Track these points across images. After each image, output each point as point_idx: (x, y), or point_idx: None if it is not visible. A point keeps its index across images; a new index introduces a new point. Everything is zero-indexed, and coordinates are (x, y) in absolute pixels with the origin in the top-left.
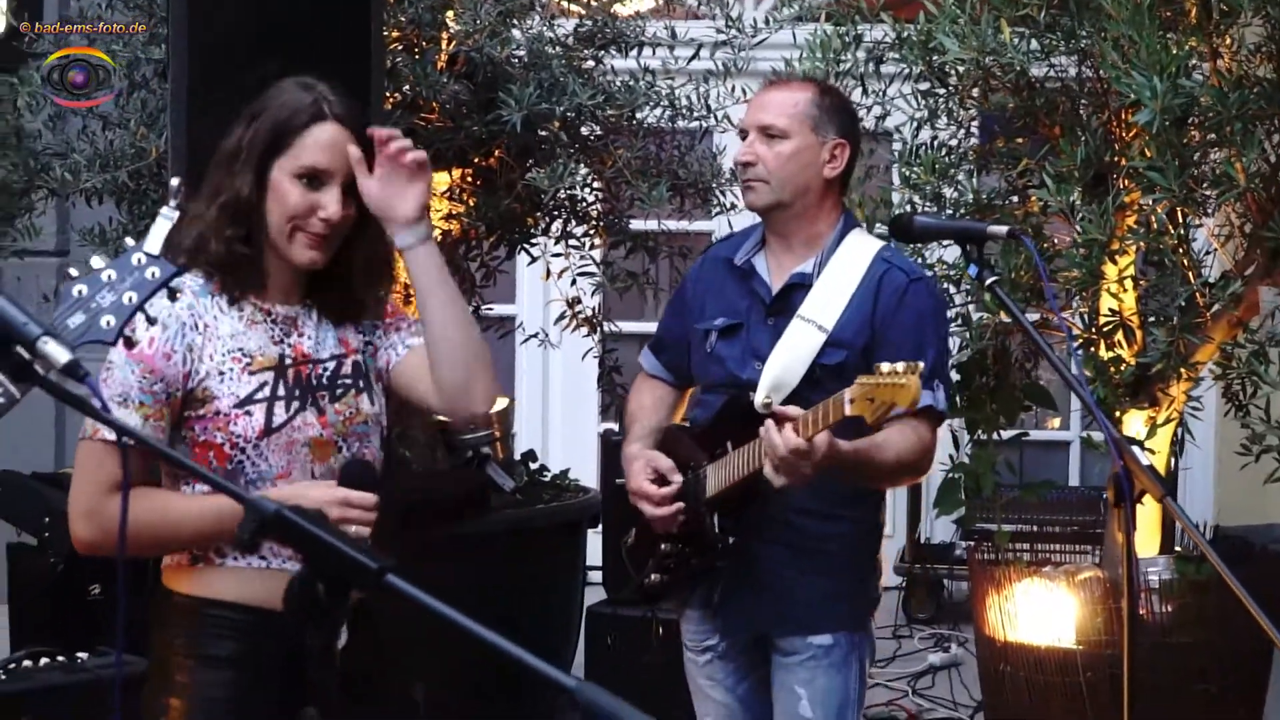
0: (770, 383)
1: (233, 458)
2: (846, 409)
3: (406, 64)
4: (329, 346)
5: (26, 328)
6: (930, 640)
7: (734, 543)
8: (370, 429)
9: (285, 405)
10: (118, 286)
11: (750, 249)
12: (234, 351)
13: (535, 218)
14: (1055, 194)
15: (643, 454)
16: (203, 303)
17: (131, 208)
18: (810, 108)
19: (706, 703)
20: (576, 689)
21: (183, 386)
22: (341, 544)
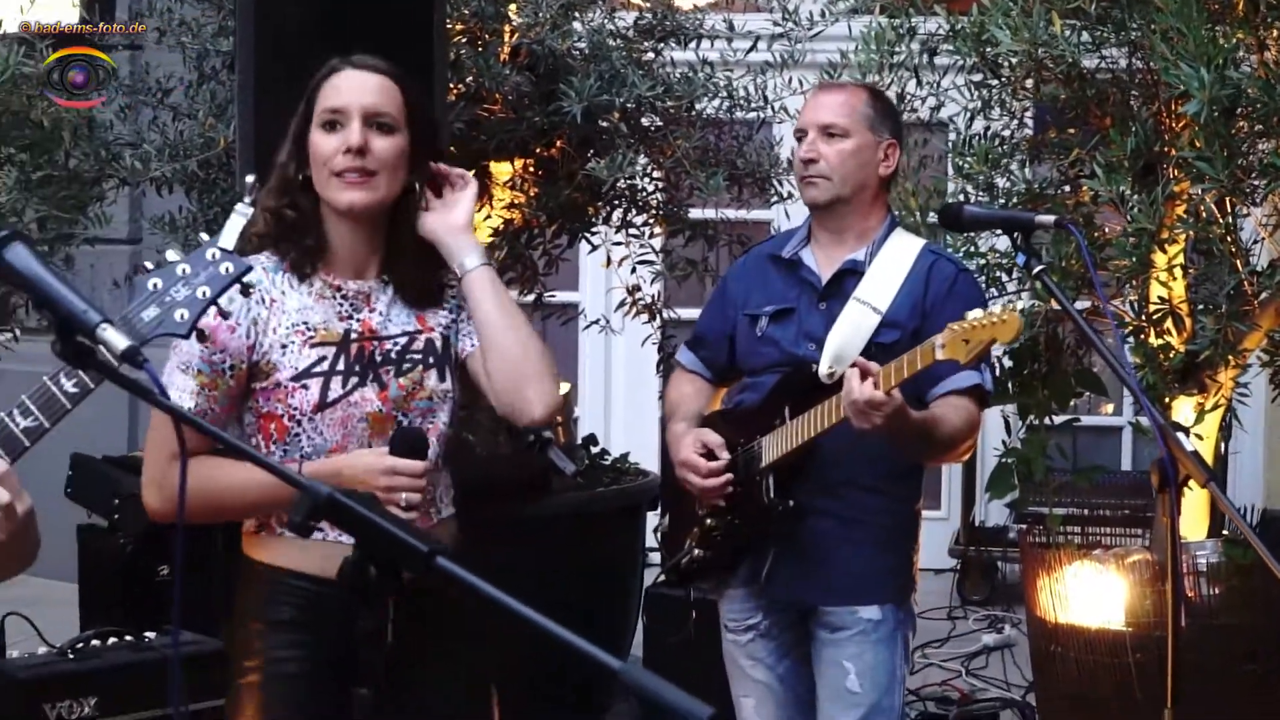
0: (832, 356)
1: (290, 430)
2: (938, 353)
3: (470, 56)
4: (400, 323)
5: (86, 315)
6: (984, 621)
7: (793, 505)
8: (436, 405)
9: (342, 380)
10: (192, 280)
11: (797, 244)
12: (298, 325)
13: (596, 207)
14: (1106, 184)
15: (691, 430)
16: (272, 278)
17: (201, 196)
18: (867, 108)
19: (746, 682)
20: (621, 670)
21: (248, 358)
22: (392, 527)
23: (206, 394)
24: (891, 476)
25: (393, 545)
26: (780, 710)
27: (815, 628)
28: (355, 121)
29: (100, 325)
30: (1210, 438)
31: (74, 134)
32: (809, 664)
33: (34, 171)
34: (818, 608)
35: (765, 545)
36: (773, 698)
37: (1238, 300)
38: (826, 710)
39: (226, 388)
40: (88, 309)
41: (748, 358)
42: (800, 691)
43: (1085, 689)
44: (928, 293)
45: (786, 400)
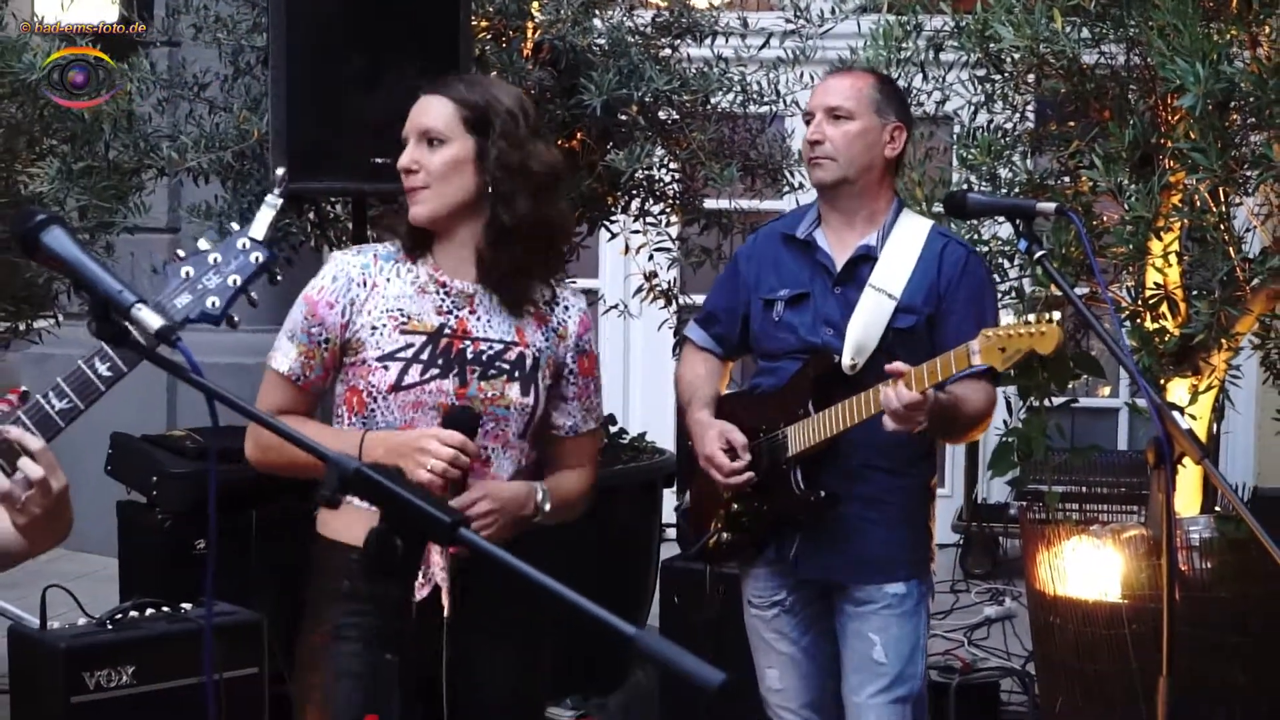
0: (853, 347)
1: (367, 405)
2: (973, 359)
3: (494, 52)
4: (499, 330)
5: (122, 295)
6: (986, 594)
7: (825, 496)
8: (511, 415)
9: (422, 369)
10: (223, 269)
11: (809, 225)
12: (393, 311)
13: (615, 197)
14: (1104, 174)
15: (715, 424)
16: (381, 264)
17: (235, 186)
18: (873, 92)
19: (770, 655)
20: (636, 636)
21: (341, 335)
22: (417, 499)
23: (304, 361)
24: (909, 457)
25: (417, 516)
26: (803, 681)
27: (841, 602)
28: (411, 143)
29: (135, 305)
30: (1204, 418)
31: (114, 126)
32: (831, 636)
33: (75, 162)
34: (845, 585)
35: (790, 529)
36: (796, 669)
37: (1230, 286)
38: (853, 680)
39: (322, 358)
40: (123, 290)
41: (764, 342)
42: (822, 662)
43: (1083, 659)
44: (941, 276)
45: (810, 391)
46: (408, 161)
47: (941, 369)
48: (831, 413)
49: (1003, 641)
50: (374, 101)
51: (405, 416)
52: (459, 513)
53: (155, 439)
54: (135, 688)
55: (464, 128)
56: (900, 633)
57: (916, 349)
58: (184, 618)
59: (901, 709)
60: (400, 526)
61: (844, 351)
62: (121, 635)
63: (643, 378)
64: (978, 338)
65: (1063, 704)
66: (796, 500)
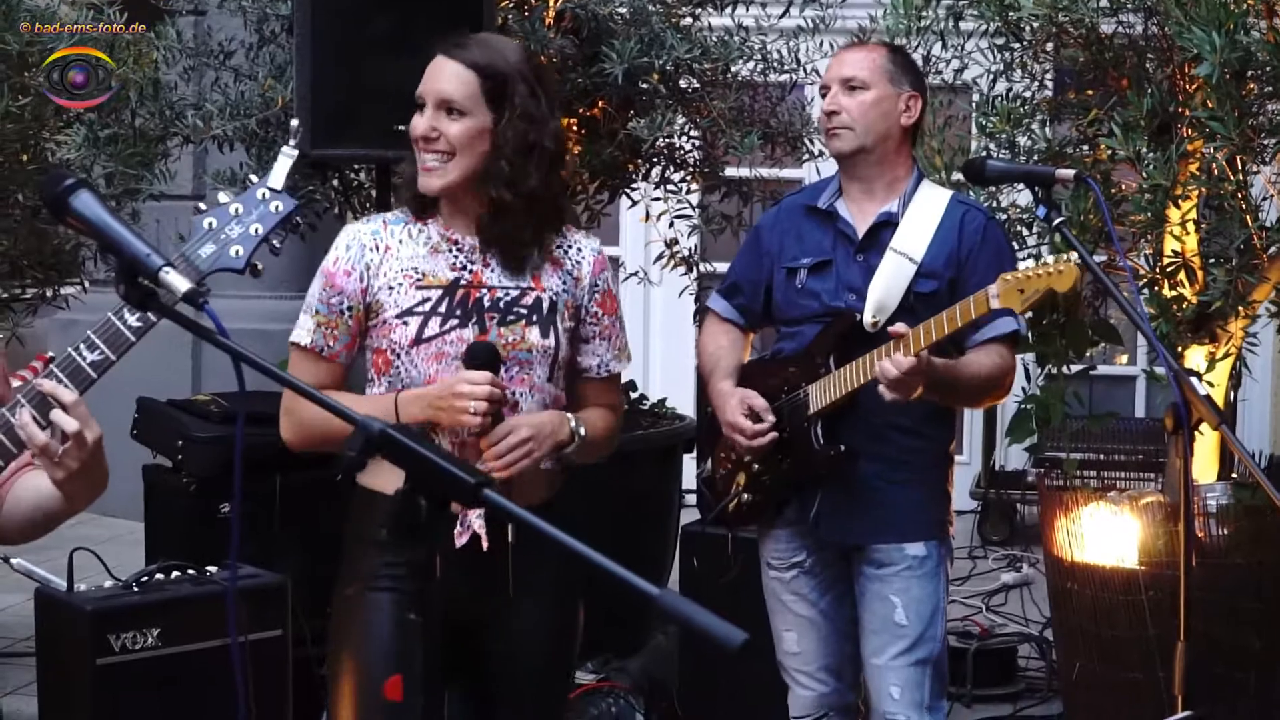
0: (874, 306)
1: (392, 363)
2: (992, 303)
3: (516, 20)
4: (515, 279)
5: (150, 259)
6: (1003, 561)
7: (844, 450)
8: (534, 358)
9: (441, 320)
10: (244, 219)
11: (831, 195)
12: (407, 270)
13: (636, 164)
14: (1123, 142)
15: (736, 391)
16: (391, 228)
17: (260, 153)
18: (886, 63)
19: (788, 616)
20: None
21: (361, 300)
22: (441, 460)
23: (323, 331)
24: (929, 419)
25: (442, 478)
26: (822, 643)
27: (860, 564)
28: (428, 109)
29: (163, 269)
30: (1221, 385)
31: (140, 95)
32: (849, 599)
33: (102, 130)
34: (865, 546)
35: (813, 488)
36: (815, 630)
37: (1247, 254)
38: (874, 642)
39: (346, 326)
40: (151, 253)
41: (786, 309)
42: (840, 624)
43: (1100, 624)
44: (961, 242)
45: (831, 349)
46: (426, 129)
47: (961, 314)
48: (851, 368)
49: (1020, 607)
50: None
51: (429, 369)
52: (483, 474)
53: (181, 404)
54: (160, 649)
55: (484, 100)
56: (921, 594)
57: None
58: (209, 580)
59: (922, 670)
60: (424, 488)
61: (865, 310)
62: (147, 598)
63: (662, 344)
64: (996, 282)
65: (1080, 669)
66: (817, 455)
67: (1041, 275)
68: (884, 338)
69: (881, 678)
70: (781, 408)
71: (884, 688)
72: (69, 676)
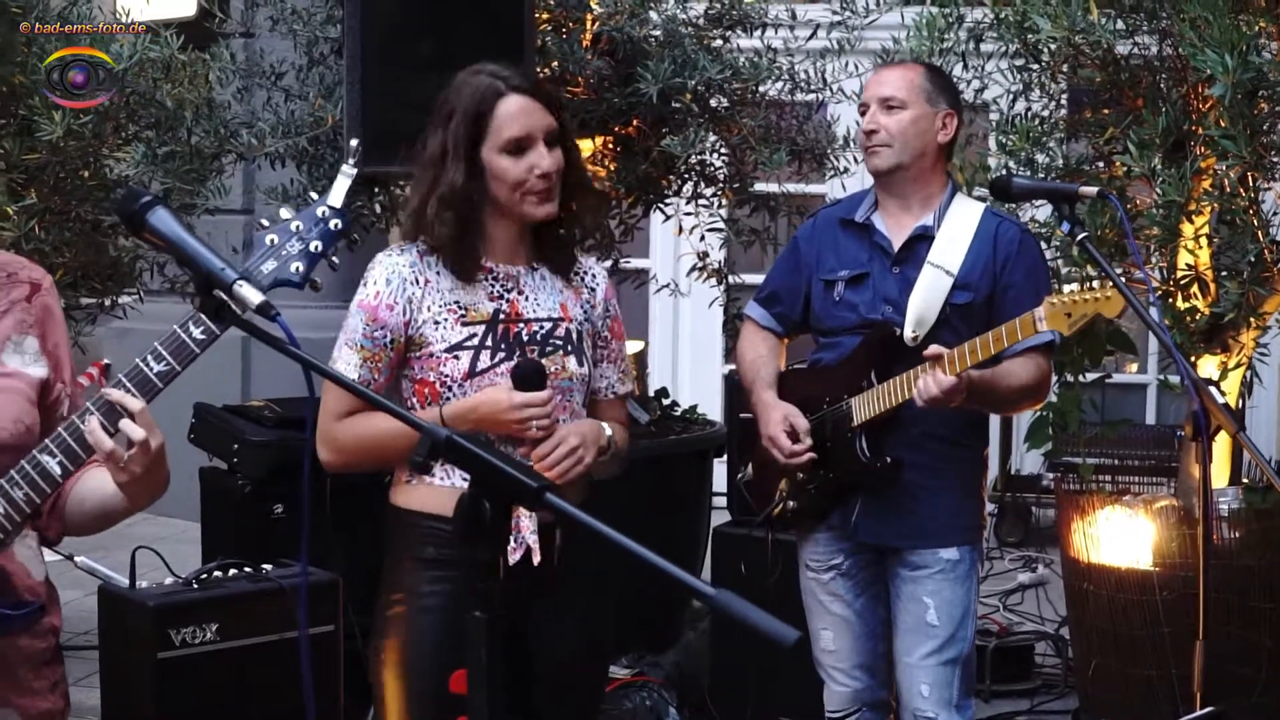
0: (914, 319)
1: (442, 394)
2: (1039, 326)
3: (555, 43)
4: (546, 308)
5: (224, 273)
6: (1019, 561)
7: (890, 462)
8: (574, 385)
9: (490, 354)
10: (305, 236)
11: (867, 208)
12: (449, 304)
13: (668, 180)
14: (1138, 159)
15: (780, 406)
16: (426, 260)
17: (310, 169)
18: (924, 82)
19: (825, 616)
20: (716, 596)
21: (404, 333)
22: (505, 465)
23: (370, 366)
24: (965, 427)
25: (506, 481)
26: (856, 641)
27: (895, 567)
28: (541, 145)
29: (237, 282)
30: (1232, 394)
31: (195, 114)
32: (883, 600)
33: (160, 147)
34: (900, 549)
35: (853, 494)
36: (850, 630)
37: (1259, 267)
38: (906, 641)
39: (388, 359)
40: (225, 267)
41: (825, 320)
42: (874, 624)
43: (1116, 624)
44: (997, 254)
45: (872, 363)
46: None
47: (1008, 336)
48: (894, 383)
49: (1036, 607)
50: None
51: None
52: (544, 478)
53: (236, 409)
54: (219, 644)
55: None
56: (953, 597)
57: (974, 324)
58: (265, 578)
59: (951, 670)
60: (489, 491)
61: (905, 324)
62: (206, 594)
63: (691, 353)
64: (1043, 304)
65: (1096, 666)
66: (862, 467)
67: (1089, 300)
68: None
69: (912, 676)
70: (824, 418)
71: (914, 686)
72: (131, 669)
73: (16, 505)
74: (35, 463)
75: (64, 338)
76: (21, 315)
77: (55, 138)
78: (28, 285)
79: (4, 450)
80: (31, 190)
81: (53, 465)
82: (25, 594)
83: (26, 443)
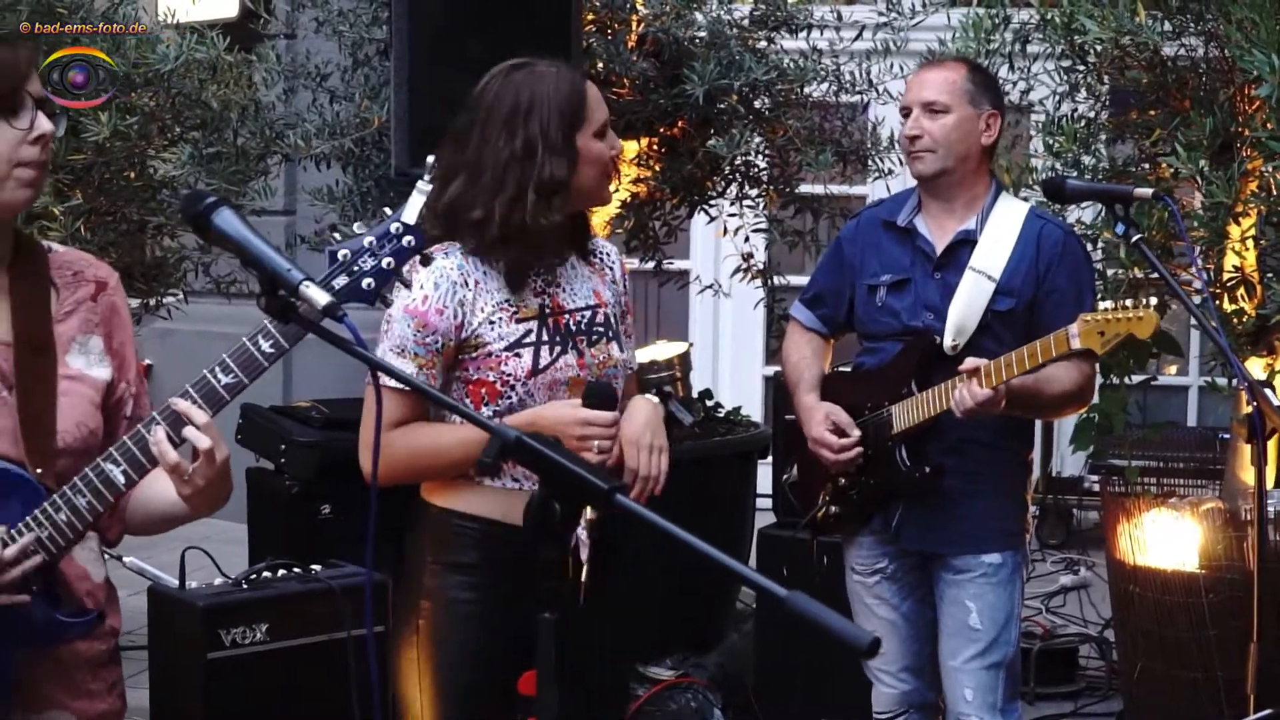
0: (954, 328)
1: (503, 394)
2: (1073, 343)
3: (600, 44)
4: (583, 297)
5: (290, 274)
6: (1061, 564)
7: (929, 471)
8: (619, 372)
9: (549, 349)
10: (378, 252)
11: (910, 212)
12: (501, 302)
13: (713, 181)
14: (1185, 161)
15: (822, 406)
16: (471, 261)
17: (356, 171)
18: (966, 83)
19: (871, 619)
20: (788, 598)
21: (456, 336)
22: (575, 466)
23: (426, 373)
24: (1007, 432)
25: (576, 483)
26: (902, 644)
27: (939, 570)
28: (610, 134)
29: (303, 283)
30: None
31: (241, 115)
32: (929, 602)
33: (205, 148)
34: (944, 554)
35: (895, 501)
36: (895, 633)
37: None
38: (950, 645)
39: (440, 364)
40: (291, 268)
41: (867, 324)
42: (920, 627)
43: (1162, 626)
44: (1039, 257)
45: (912, 371)
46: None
47: (1042, 352)
48: (933, 393)
49: (1079, 609)
50: None
51: (543, 397)
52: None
53: (283, 409)
54: (269, 644)
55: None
56: (996, 601)
57: (1015, 330)
58: (314, 578)
59: (995, 674)
60: (558, 492)
61: (945, 333)
62: (256, 594)
63: (731, 354)
64: (1076, 322)
65: (1141, 669)
66: (902, 475)
67: (1123, 319)
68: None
69: (956, 679)
70: (866, 424)
71: (958, 689)
72: (181, 669)
73: (79, 513)
74: (99, 471)
75: (129, 336)
76: (87, 315)
77: (101, 139)
78: (94, 284)
79: (68, 454)
80: (78, 191)
81: (116, 474)
82: (84, 598)
83: (90, 446)
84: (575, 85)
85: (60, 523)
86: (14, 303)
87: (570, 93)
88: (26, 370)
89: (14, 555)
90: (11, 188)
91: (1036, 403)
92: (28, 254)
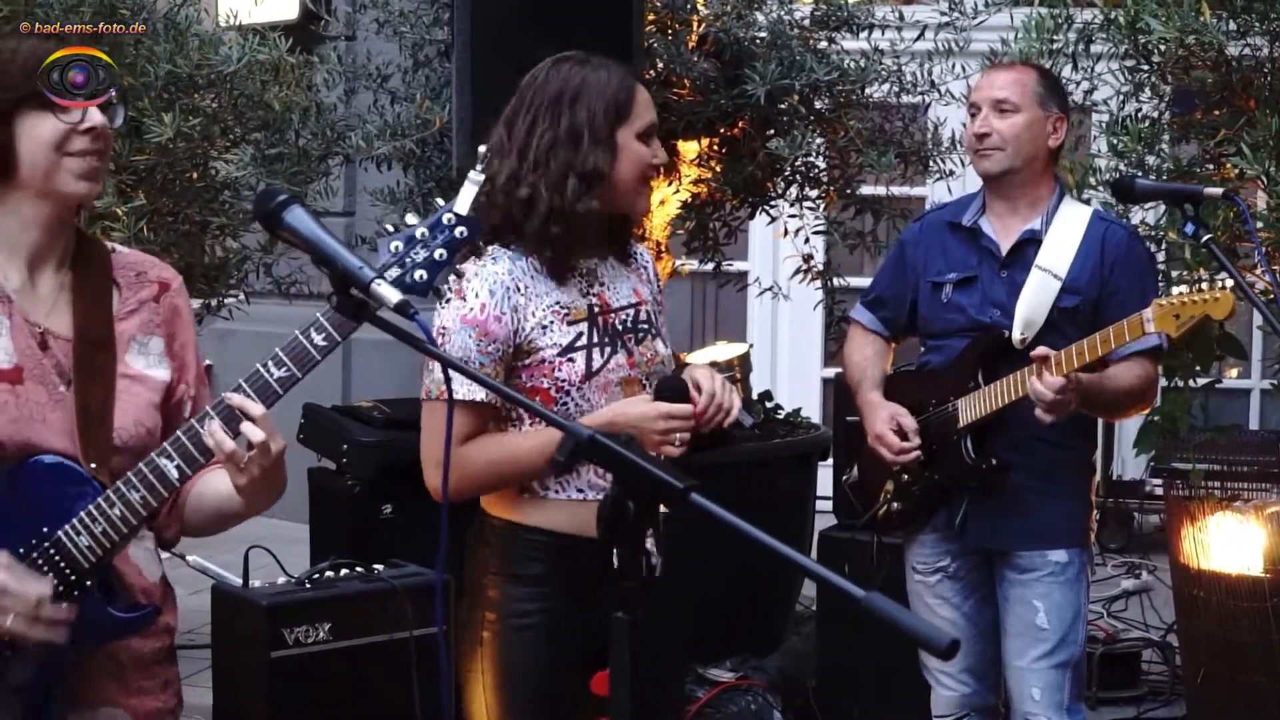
0: (1022, 323)
1: (558, 399)
2: (1148, 327)
3: (661, 44)
4: (625, 295)
5: (361, 271)
6: (1122, 568)
7: (995, 464)
8: (664, 369)
9: (601, 351)
10: (430, 244)
11: (975, 213)
12: (553, 306)
13: (773, 182)
14: (1251, 162)
15: (887, 406)
16: (519, 265)
17: (417, 172)
18: (1036, 85)
19: (934, 619)
20: (865, 599)
21: (512, 342)
22: (650, 465)
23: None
24: (1072, 430)
25: (651, 482)
26: (964, 645)
27: (1003, 569)
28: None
29: (375, 281)
30: None
31: (302, 116)
32: (991, 602)
33: (267, 149)
34: (1009, 552)
35: (959, 498)
36: (957, 633)
37: None
38: (1015, 644)
39: (501, 372)
40: (362, 266)
41: (932, 322)
42: (983, 627)
43: (1226, 630)
44: (1104, 257)
45: (979, 364)
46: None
47: (1115, 337)
48: (1001, 384)
49: (1140, 614)
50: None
51: (599, 400)
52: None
53: (345, 409)
54: (332, 643)
55: None
56: (1063, 600)
57: (1080, 328)
58: (377, 578)
59: (1062, 673)
60: (633, 491)
61: (1014, 327)
62: (319, 593)
63: (789, 356)
64: (1150, 305)
65: (1205, 673)
66: (968, 469)
67: (1198, 302)
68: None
69: (1023, 679)
70: (929, 420)
71: (1025, 689)
72: (244, 668)
73: (133, 508)
74: (153, 466)
75: (191, 338)
76: (149, 315)
77: (164, 139)
78: (156, 285)
79: (124, 452)
80: (140, 191)
81: (170, 469)
82: (139, 595)
83: (147, 445)
84: (625, 81)
85: (114, 518)
86: (76, 300)
87: (619, 86)
88: (85, 366)
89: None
90: (64, 179)
91: (1102, 400)
92: (90, 253)
